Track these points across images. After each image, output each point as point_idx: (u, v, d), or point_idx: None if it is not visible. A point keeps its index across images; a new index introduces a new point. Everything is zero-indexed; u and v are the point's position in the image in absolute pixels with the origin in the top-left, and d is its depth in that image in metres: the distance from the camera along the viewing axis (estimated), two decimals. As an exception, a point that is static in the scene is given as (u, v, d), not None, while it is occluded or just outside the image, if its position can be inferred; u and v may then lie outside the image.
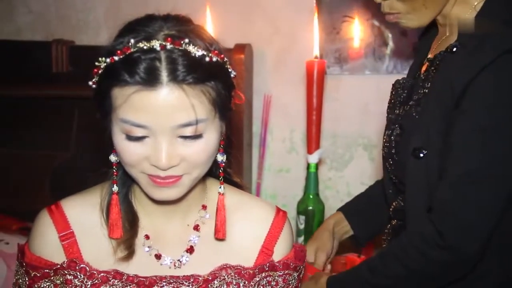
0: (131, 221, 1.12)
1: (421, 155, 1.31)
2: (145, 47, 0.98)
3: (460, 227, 1.25)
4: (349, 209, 1.72)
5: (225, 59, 1.04)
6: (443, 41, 1.39)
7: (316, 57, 2.10)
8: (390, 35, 2.32)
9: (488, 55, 1.22)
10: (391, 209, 1.49)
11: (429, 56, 1.42)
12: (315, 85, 2.06)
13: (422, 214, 1.32)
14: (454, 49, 1.31)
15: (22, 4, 2.55)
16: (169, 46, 0.98)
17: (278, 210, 1.19)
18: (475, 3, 1.33)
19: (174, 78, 0.97)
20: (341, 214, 1.71)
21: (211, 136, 1.04)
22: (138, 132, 1.00)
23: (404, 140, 1.37)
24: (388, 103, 1.50)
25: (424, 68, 1.41)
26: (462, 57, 1.27)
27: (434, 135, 1.29)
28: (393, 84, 1.51)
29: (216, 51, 1.03)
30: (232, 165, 1.20)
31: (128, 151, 1.02)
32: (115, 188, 1.09)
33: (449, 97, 1.27)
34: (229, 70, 1.06)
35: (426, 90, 1.35)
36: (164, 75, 0.97)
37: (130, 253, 1.10)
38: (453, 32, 1.37)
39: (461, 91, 1.24)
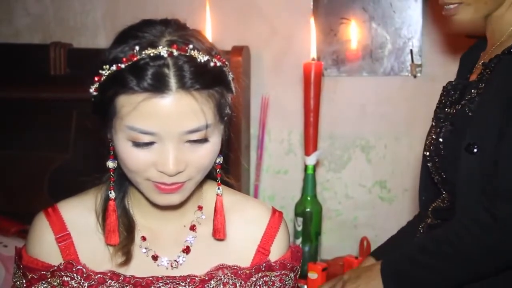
0: (128, 227, 1.12)
1: (475, 150, 1.33)
2: (152, 54, 0.97)
3: None
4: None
5: (226, 62, 1.05)
6: (496, 48, 1.43)
7: (313, 59, 2.10)
8: (387, 37, 2.33)
9: None
10: (429, 210, 1.51)
11: (482, 61, 1.46)
12: (312, 86, 2.07)
13: (474, 206, 1.34)
14: None
15: (20, 6, 2.56)
16: (175, 52, 0.97)
17: (274, 210, 1.20)
18: None
19: (182, 85, 0.97)
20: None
21: (216, 139, 1.04)
22: (146, 139, 0.99)
23: (455, 136, 1.41)
24: (438, 104, 1.54)
25: (477, 72, 1.45)
26: None
27: (491, 130, 1.32)
28: (444, 86, 1.54)
29: (218, 56, 1.03)
30: (230, 167, 1.20)
31: (135, 158, 1.01)
32: (112, 195, 1.09)
33: (509, 95, 1.30)
34: (229, 73, 1.06)
35: (480, 91, 1.38)
36: (173, 81, 0.96)
37: (127, 259, 1.10)
38: (508, 36, 1.41)
39: None
